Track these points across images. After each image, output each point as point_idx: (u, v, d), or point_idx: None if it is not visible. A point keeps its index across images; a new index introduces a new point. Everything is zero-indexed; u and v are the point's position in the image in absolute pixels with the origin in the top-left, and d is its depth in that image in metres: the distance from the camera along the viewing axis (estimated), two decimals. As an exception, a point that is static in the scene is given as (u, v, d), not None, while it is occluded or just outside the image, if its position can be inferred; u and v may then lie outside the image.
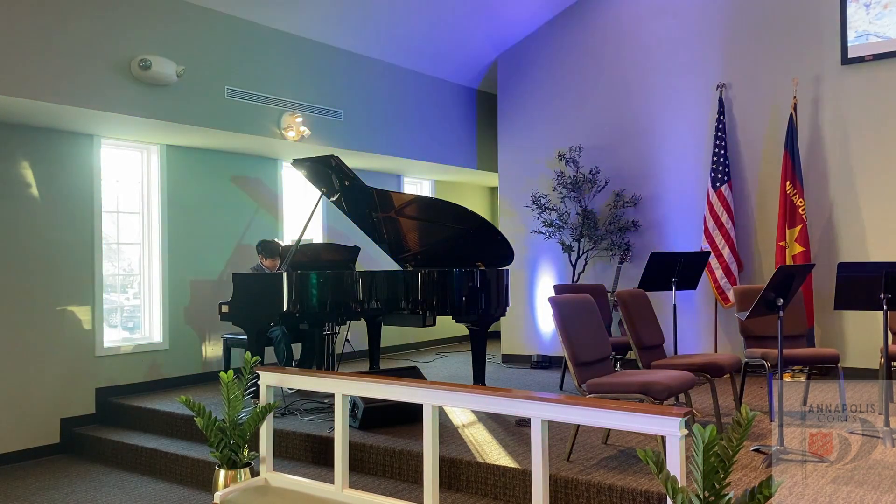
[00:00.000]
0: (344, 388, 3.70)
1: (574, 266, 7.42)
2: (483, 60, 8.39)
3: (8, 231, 5.52)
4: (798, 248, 6.07)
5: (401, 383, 3.52)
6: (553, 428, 4.33)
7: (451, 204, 5.59)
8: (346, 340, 7.07)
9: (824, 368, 5.66)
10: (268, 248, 6.31)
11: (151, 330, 6.51)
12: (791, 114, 6.24)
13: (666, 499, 2.79)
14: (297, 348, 6.56)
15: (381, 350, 6.84)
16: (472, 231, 5.51)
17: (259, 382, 4.03)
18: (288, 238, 7.31)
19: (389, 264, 6.50)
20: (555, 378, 6.71)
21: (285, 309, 5.35)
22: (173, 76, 5.64)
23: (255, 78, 6.35)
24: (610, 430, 4.29)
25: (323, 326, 6.14)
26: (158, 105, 5.67)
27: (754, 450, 3.94)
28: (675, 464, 2.50)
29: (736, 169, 6.70)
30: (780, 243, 6.18)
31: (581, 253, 7.41)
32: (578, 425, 3.95)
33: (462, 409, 5.11)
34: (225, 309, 5.74)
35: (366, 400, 4.73)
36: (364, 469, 4.37)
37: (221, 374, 4.09)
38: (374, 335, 6.73)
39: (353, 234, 7.20)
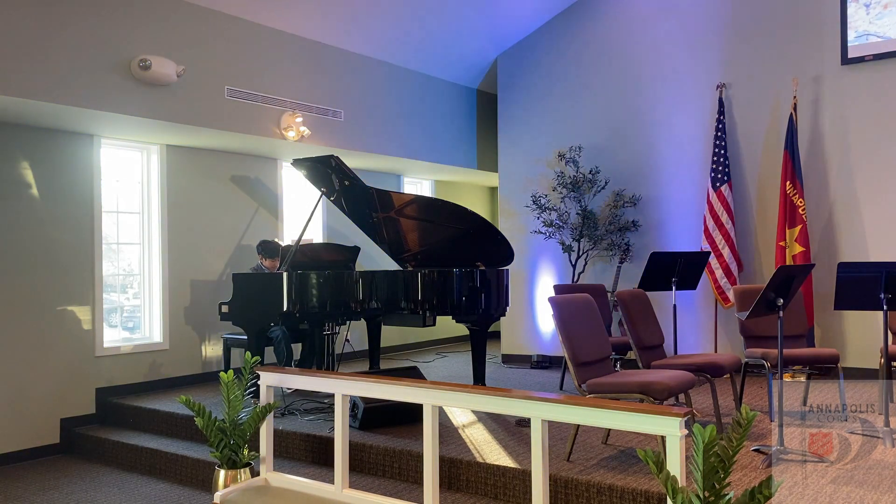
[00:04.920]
0: (344, 388, 3.70)
1: (574, 266, 7.42)
2: (483, 60, 8.39)
3: (8, 231, 5.52)
4: (798, 248, 6.07)
5: (401, 383, 3.52)
6: (553, 428, 4.33)
7: (451, 204, 5.59)
8: (346, 340, 7.07)
9: (824, 368, 5.65)
10: (267, 248, 6.31)
11: (151, 330, 6.51)
12: (791, 114, 6.24)
13: (666, 499, 2.78)
14: (297, 348, 6.56)
15: (381, 350, 6.83)
16: (472, 231, 5.51)
17: (259, 382, 4.03)
18: (288, 238, 7.31)
19: (389, 264, 6.50)
20: (555, 378, 6.71)
21: (285, 309, 5.35)
22: (173, 76, 5.64)
23: (255, 78, 6.35)
24: (610, 430, 4.29)
25: (323, 326, 6.14)
26: (158, 105, 5.67)
27: (754, 450, 3.94)
28: (675, 464, 2.50)
29: (736, 169, 6.70)
30: (780, 243, 6.18)
31: (581, 253, 7.41)
32: (578, 425, 3.95)
33: (462, 409, 5.11)
34: (225, 309, 5.75)
35: (366, 400, 4.73)
36: (364, 469, 4.37)
37: (221, 374, 4.09)
38: (374, 335, 6.73)
39: (353, 234, 7.20)
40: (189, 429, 5.25)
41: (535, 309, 7.96)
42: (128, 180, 6.47)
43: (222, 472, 3.97)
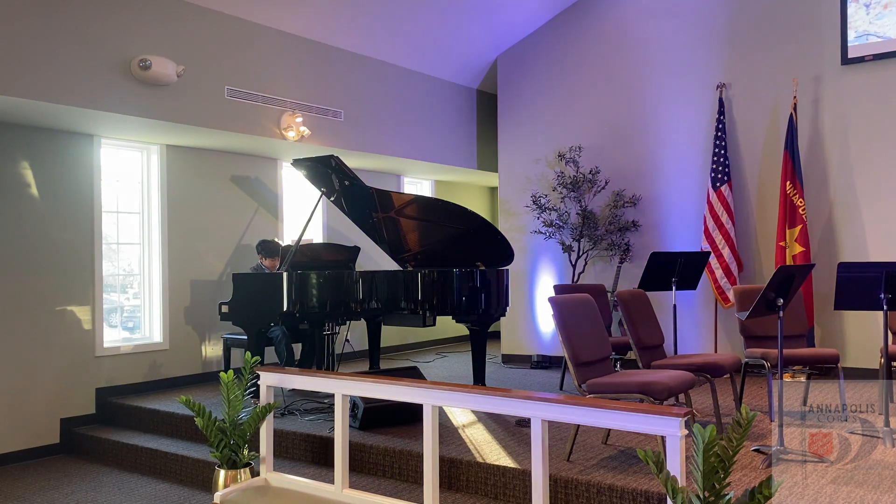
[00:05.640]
0: (344, 388, 3.70)
1: (574, 266, 7.42)
2: (483, 60, 8.39)
3: (8, 231, 5.52)
4: (798, 248, 6.07)
5: (401, 383, 3.52)
6: (553, 428, 4.33)
7: (450, 204, 5.59)
8: (346, 340, 7.08)
9: (824, 368, 5.66)
10: (267, 248, 6.31)
11: (151, 330, 6.50)
12: (791, 114, 6.24)
13: (666, 499, 2.79)
14: (297, 348, 6.56)
15: (381, 350, 6.84)
16: (472, 231, 5.51)
17: (259, 382, 4.03)
18: (288, 238, 7.31)
19: (389, 264, 6.50)
20: (555, 378, 6.71)
21: (285, 309, 5.35)
22: (173, 76, 5.64)
23: (255, 78, 6.35)
24: (610, 430, 4.29)
25: (323, 326, 6.14)
26: (158, 105, 5.67)
27: (754, 450, 3.94)
28: (675, 464, 2.50)
29: (736, 169, 6.70)
30: (780, 243, 6.18)
31: (581, 253, 7.41)
32: (578, 425, 3.95)
33: (462, 409, 5.11)
34: (225, 309, 5.75)
35: (366, 400, 4.73)
36: (364, 469, 4.37)
37: (221, 374, 4.09)
38: (374, 335, 6.73)
39: (353, 234, 7.20)
40: (189, 429, 5.25)
41: (535, 309, 7.96)
42: (128, 180, 6.47)
43: (222, 472, 3.97)
